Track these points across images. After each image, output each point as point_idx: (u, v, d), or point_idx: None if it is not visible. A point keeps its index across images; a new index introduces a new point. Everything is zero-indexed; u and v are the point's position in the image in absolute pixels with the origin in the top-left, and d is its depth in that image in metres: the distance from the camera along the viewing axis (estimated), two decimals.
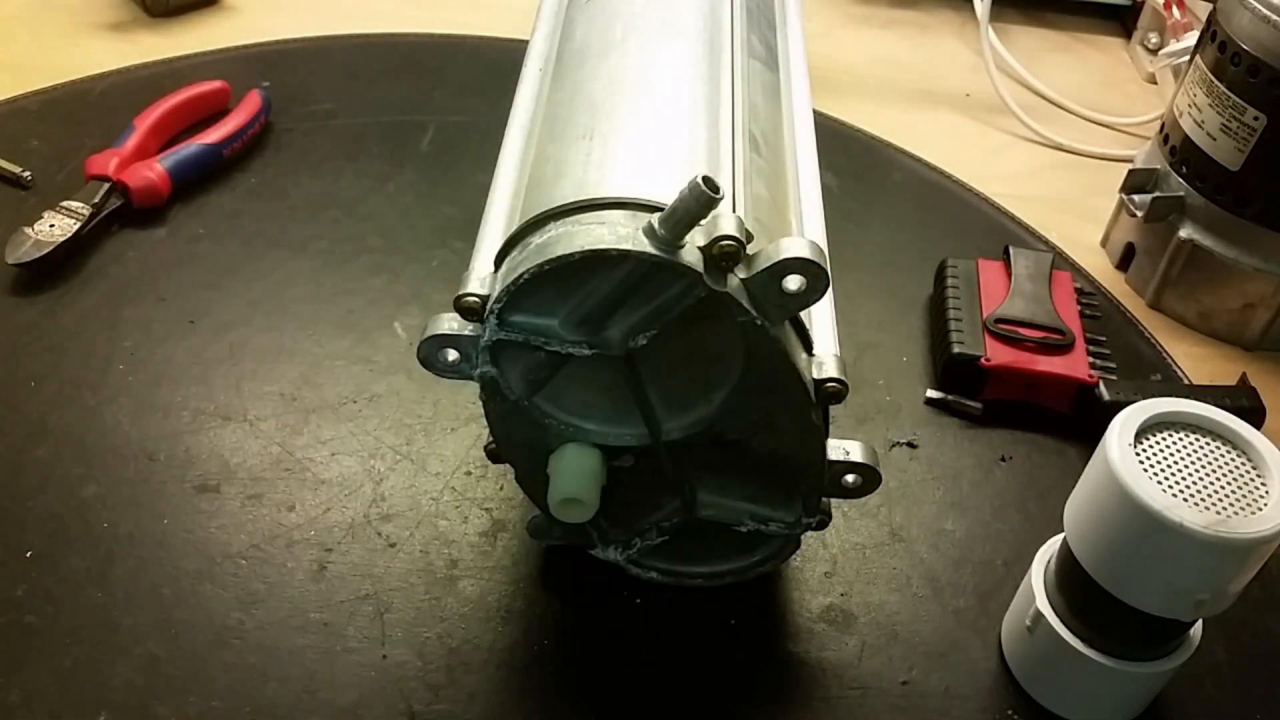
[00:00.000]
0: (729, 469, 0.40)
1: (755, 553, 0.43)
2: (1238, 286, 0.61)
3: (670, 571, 0.44)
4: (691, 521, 0.42)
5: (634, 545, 0.43)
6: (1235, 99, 0.57)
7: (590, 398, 0.39)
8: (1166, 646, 0.40)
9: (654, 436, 0.39)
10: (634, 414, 0.38)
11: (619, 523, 0.43)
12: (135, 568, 0.44)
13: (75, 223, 0.57)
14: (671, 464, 0.40)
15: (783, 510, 0.41)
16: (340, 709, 0.40)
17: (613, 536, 0.43)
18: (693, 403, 0.38)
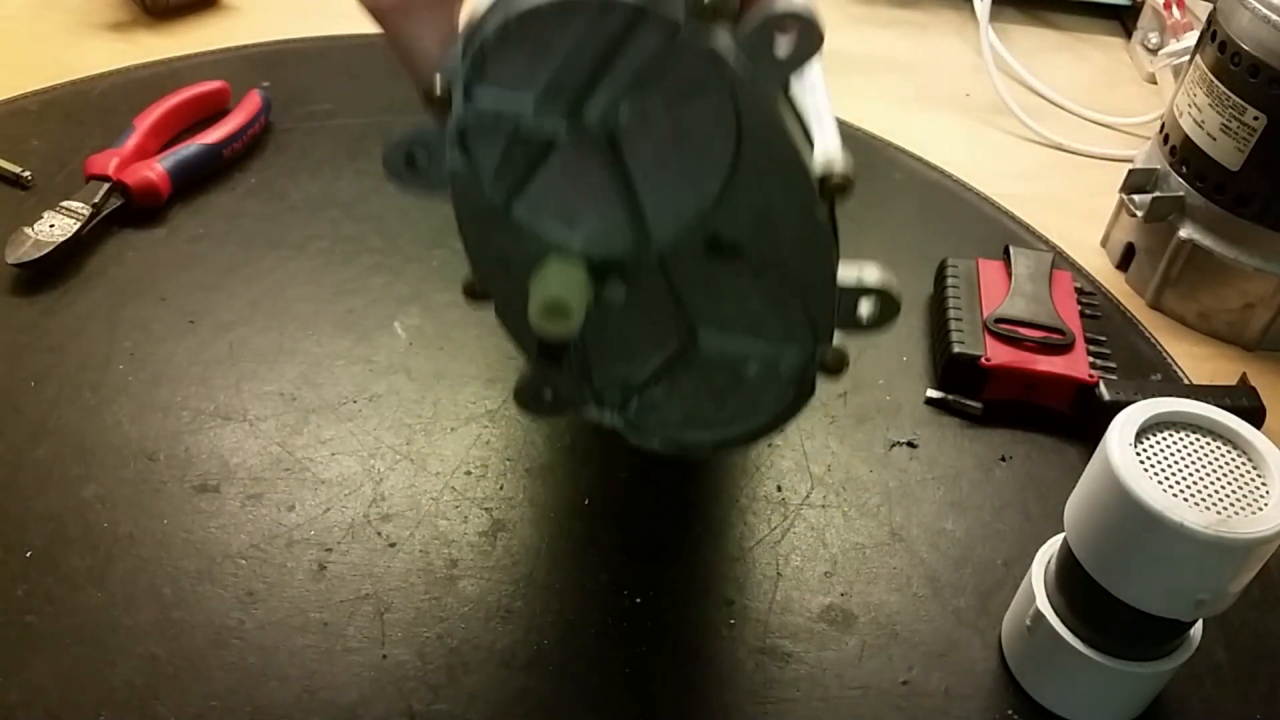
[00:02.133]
0: (730, 297, 0.37)
1: (764, 409, 0.40)
2: (1238, 286, 0.61)
3: (673, 441, 0.41)
4: (691, 371, 0.39)
5: (631, 403, 0.40)
6: (1235, 99, 0.57)
7: (573, 203, 0.36)
8: (1166, 646, 0.40)
9: (644, 242, 0.36)
10: (621, 220, 0.35)
11: (613, 378, 0.40)
12: (135, 568, 0.44)
13: (75, 223, 0.57)
14: (666, 284, 0.37)
15: (793, 347, 0.38)
16: (340, 709, 0.40)
17: (607, 396, 0.40)
18: (683, 196, 0.35)
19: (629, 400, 0.40)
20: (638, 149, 0.34)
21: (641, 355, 0.39)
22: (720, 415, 0.40)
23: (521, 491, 0.49)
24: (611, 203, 0.35)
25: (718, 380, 0.39)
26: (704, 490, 0.50)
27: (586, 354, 0.39)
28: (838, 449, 0.52)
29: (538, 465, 0.50)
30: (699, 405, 0.40)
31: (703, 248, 0.36)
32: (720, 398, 0.40)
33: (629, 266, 0.36)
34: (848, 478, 0.51)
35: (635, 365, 0.40)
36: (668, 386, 0.40)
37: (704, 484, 0.50)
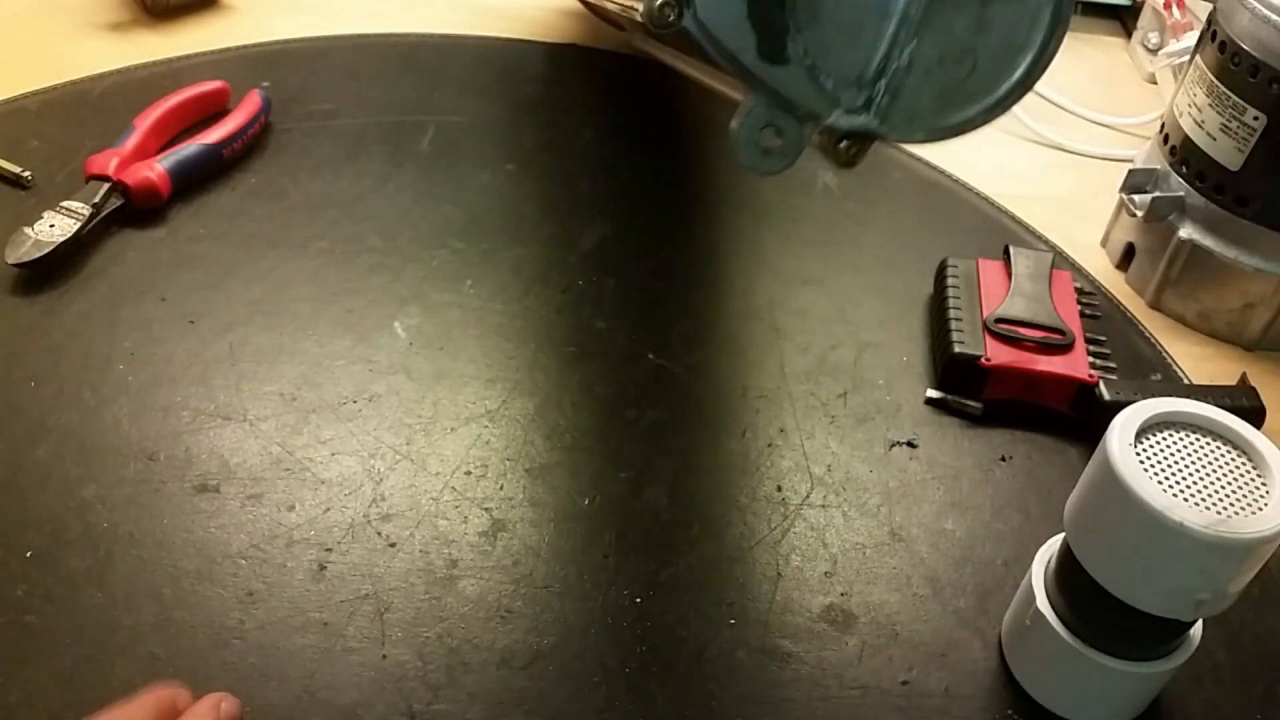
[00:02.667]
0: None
1: (1022, 48, 0.36)
2: (1238, 286, 0.61)
3: (937, 129, 0.37)
4: (929, 30, 0.34)
5: (876, 96, 0.35)
6: (1235, 99, 0.57)
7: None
8: (1166, 646, 0.40)
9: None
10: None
11: (846, 74, 0.35)
12: (135, 568, 0.44)
13: (75, 223, 0.57)
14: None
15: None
16: (340, 709, 0.40)
17: (845, 99, 0.35)
18: None
19: (873, 95, 0.36)
20: None
21: (869, 27, 0.35)
22: (977, 77, 0.36)
23: (521, 491, 0.49)
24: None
25: (962, 29, 0.35)
26: (704, 490, 0.50)
27: (809, 47, 0.34)
28: (838, 449, 0.52)
29: (538, 465, 0.50)
30: (950, 73, 0.36)
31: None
32: (970, 54, 0.35)
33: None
34: (848, 478, 0.51)
35: (866, 44, 0.35)
36: (910, 60, 0.35)
37: (704, 484, 0.50)
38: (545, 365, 0.55)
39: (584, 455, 0.51)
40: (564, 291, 0.59)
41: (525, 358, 0.55)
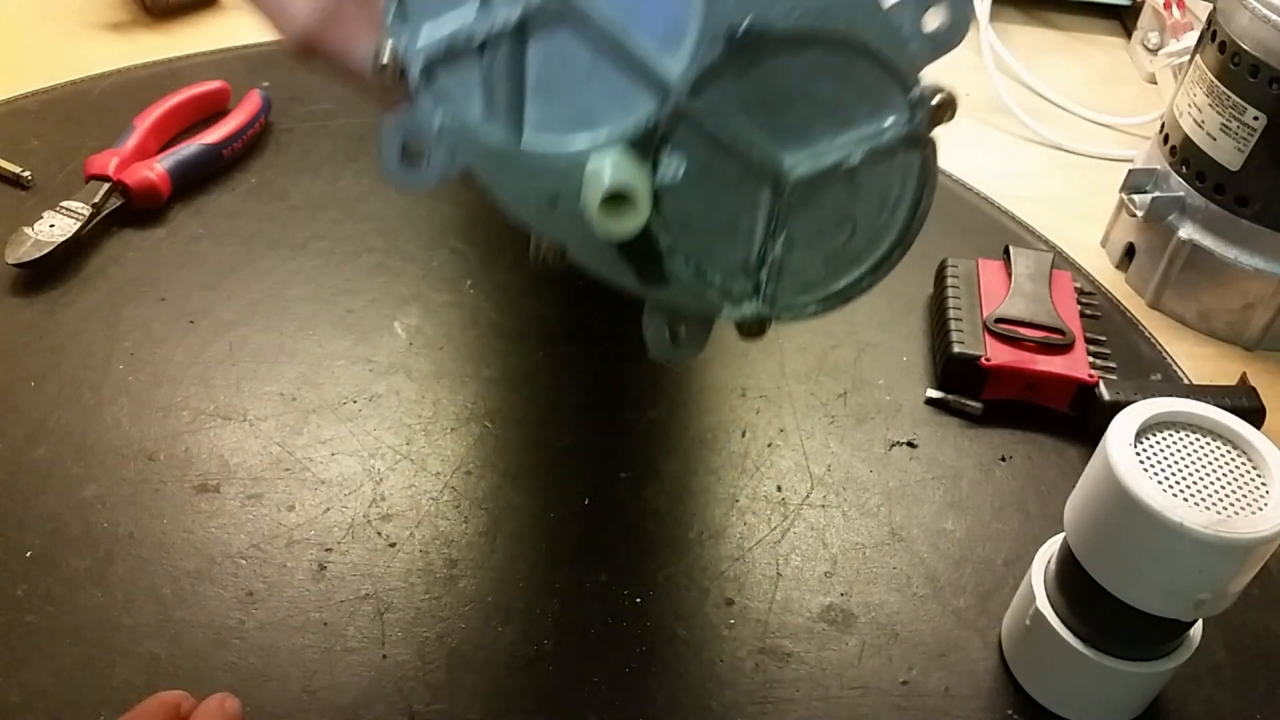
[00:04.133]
0: (790, 98, 0.33)
1: (899, 199, 0.36)
2: (1238, 286, 0.61)
3: (830, 297, 0.37)
4: (802, 209, 0.35)
5: (764, 282, 0.36)
6: (1235, 99, 0.57)
7: (573, 97, 0.33)
8: (1166, 646, 0.40)
9: (668, 89, 0.32)
10: (630, 82, 0.32)
11: (730, 267, 0.36)
12: (135, 568, 0.44)
13: (75, 223, 0.57)
14: (718, 124, 0.33)
15: (885, 112, 0.33)
16: (340, 709, 0.40)
17: (736, 289, 0.36)
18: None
19: (760, 280, 0.36)
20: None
21: (742, 223, 0.35)
22: (859, 238, 0.36)
23: (521, 491, 0.49)
24: (611, 69, 0.32)
25: (833, 201, 0.35)
26: (704, 490, 0.50)
27: (688, 252, 0.35)
28: (838, 449, 0.52)
29: (538, 465, 0.50)
30: (832, 242, 0.36)
31: (729, 56, 0.32)
32: (847, 220, 0.36)
33: (670, 131, 0.33)
34: (848, 478, 0.51)
35: (742, 238, 0.36)
36: (788, 241, 0.35)
37: (704, 484, 0.50)
38: (545, 365, 0.55)
39: (584, 455, 0.51)
40: (564, 291, 0.59)
41: (525, 358, 0.55)
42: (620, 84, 0.33)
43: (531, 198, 0.34)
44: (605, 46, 0.32)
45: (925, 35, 0.32)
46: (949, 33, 0.32)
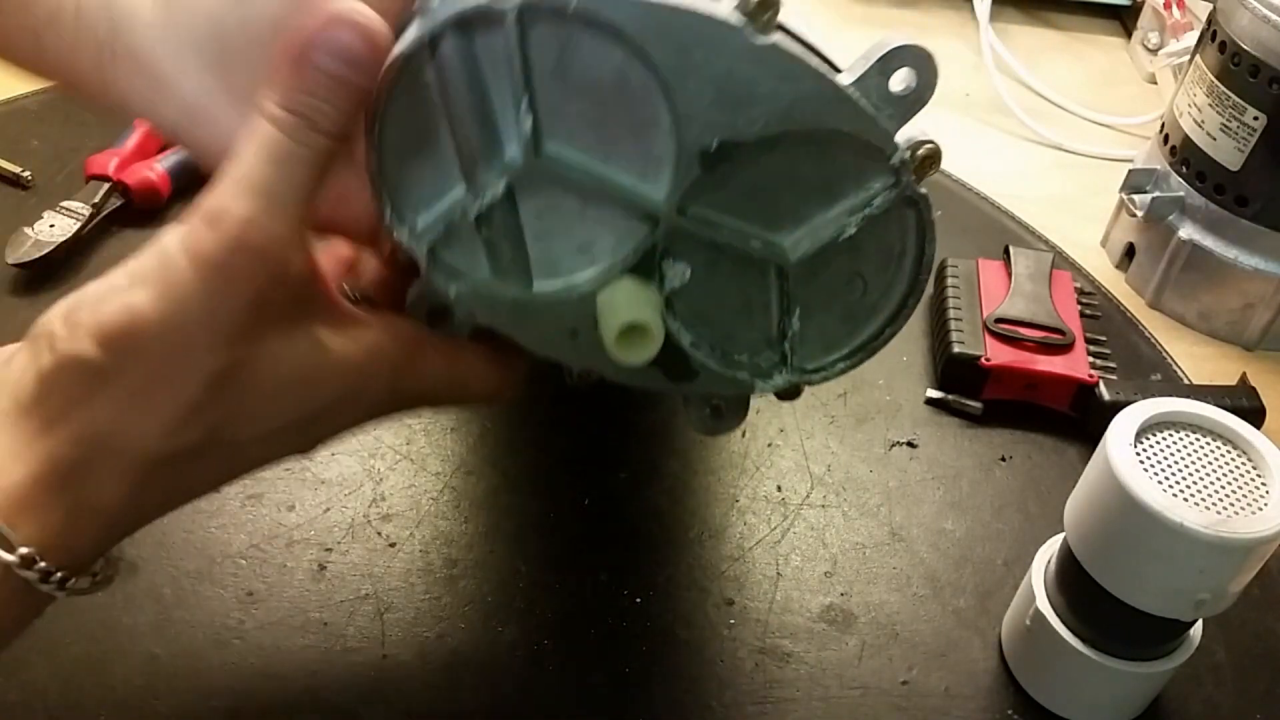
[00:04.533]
0: (774, 188, 0.34)
1: (902, 251, 0.36)
2: (1238, 286, 0.61)
3: (854, 353, 0.37)
4: (809, 280, 0.35)
5: (788, 353, 0.37)
6: (1235, 99, 0.57)
7: (572, 236, 0.34)
8: (1166, 646, 0.40)
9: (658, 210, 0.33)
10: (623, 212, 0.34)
11: (753, 345, 0.37)
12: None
13: (75, 223, 0.57)
14: (711, 227, 0.34)
15: (871, 177, 0.34)
16: (340, 709, 0.40)
17: (764, 360, 0.37)
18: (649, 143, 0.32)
19: (785, 352, 0.37)
20: (578, 133, 0.32)
21: (757, 304, 0.36)
22: (872, 292, 0.37)
23: (522, 492, 0.49)
24: (599, 207, 0.34)
25: (839, 266, 0.36)
26: (704, 490, 0.50)
27: (711, 342, 0.37)
28: (838, 449, 0.52)
29: (538, 465, 0.50)
30: (846, 300, 0.37)
31: (707, 172, 0.33)
32: (857, 278, 0.36)
33: (669, 242, 0.34)
34: (848, 478, 0.51)
35: (759, 316, 0.36)
36: (804, 312, 0.36)
37: (704, 484, 0.50)
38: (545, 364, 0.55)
39: (584, 455, 0.51)
40: None
41: None
42: (612, 216, 0.34)
43: (553, 336, 0.36)
44: (589, 191, 0.33)
45: (895, 98, 0.32)
46: (918, 92, 0.32)
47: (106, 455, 0.30)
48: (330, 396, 0.32)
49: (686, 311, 0.36)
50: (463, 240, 0.34)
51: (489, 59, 0.31)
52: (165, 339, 0.29)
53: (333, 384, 0.32)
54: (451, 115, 0.32)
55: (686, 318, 0.36)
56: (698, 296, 0.36)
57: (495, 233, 0.34)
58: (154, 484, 0.31)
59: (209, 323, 0.29)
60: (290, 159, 0.30)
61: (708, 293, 0.36)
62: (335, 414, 0.33)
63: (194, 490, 0.33)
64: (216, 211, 0.29)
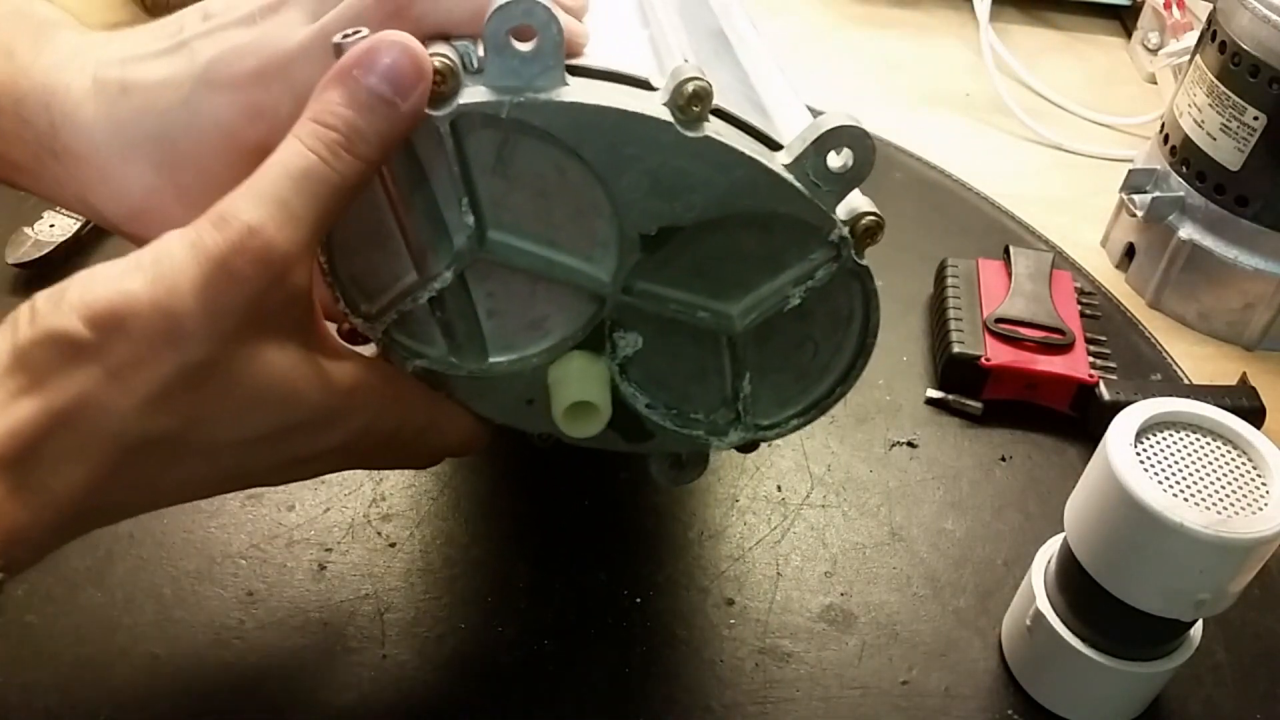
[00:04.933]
0: (717, 263, 0.35)
1: (849, 316, 0.37)
2: (1238, 286, 0.61)
3: (809, 408, 0.39)
4: (759, 343, 0.37)
5: (743, 411, 0.38)
6: (1235, 99, 0.57)
7: (523, 314, 0.35)
8: (1166, 646, 0.40)
9: (605, 287, 0.34)
10: (571, 291, 0.35)
11: (708, 404, 0.38)
12: (135, 568, 0.44)
13: (75, 223, 0.57)
14: (658, 299, 0.35)
15: (814, 251, 0.35)
16: (340, 709, 0.40)
17: (719, 420, 0.39)
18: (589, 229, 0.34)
19: (739, 411, 0.38)
20: (521, 222, 0.34)
21: (709, 368, 0.38)
22: (823, 353, 0.38)
23: (521, 491, 0.49)
24: (548, 288, 0.35)
25: (789, 331, 0.37)
26: (704, 490, 0.50)
27: (665, 404, 0.38)
28: (838, 449, 0.52)
29: (537, 465, 0.50)
30: (798, 363, 0.38)
31: (649, 254, 0.34)
32: (808, 340, 0.38)
33: (619, 315, 0.36)
34: (848, 478, 0.51)
35: (713, 379, 0.38)
36: (756, 375, 0.38)
37: (704, 484, 0.50)
38: None
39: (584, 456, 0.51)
40: None
41: None
42: (561, 295, 0.35)
43: (510, 405, 0.38)
44: (537, 274, 0.34)
45: (833, 175, 0.33)
46: (855, 169, 0.33)
47: (75, 431, 0.29)
48: (311, 413, 0.32)
49: (641, 377, 0.37)
50: (419, 323, 0.35)
51: (429, 160, 0.32)
52: (154, 323, 0.28)
53: (315, 401, 0.32)
54: (398, 210, 0.33)
55: (641, 383, 0.38)
56: (651, 363, 0.37)
57: (449, 314, 0.35)
58: (120, 473, 0.30)
59: (201, 315, 0.29)
60: (313, 178, 0.30)
61: (661, 359, 0.37)
62: (312, 436, 0.33)
63: (158, 492, 0.32)
64: (226, 215, 0.29)
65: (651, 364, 0.37)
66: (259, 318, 0.30)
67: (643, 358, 0.37)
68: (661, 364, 0.37)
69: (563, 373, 0.36)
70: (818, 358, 0.38)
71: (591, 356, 0.36)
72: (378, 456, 0.37)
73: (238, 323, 0.29)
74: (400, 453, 0.37)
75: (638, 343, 0.36)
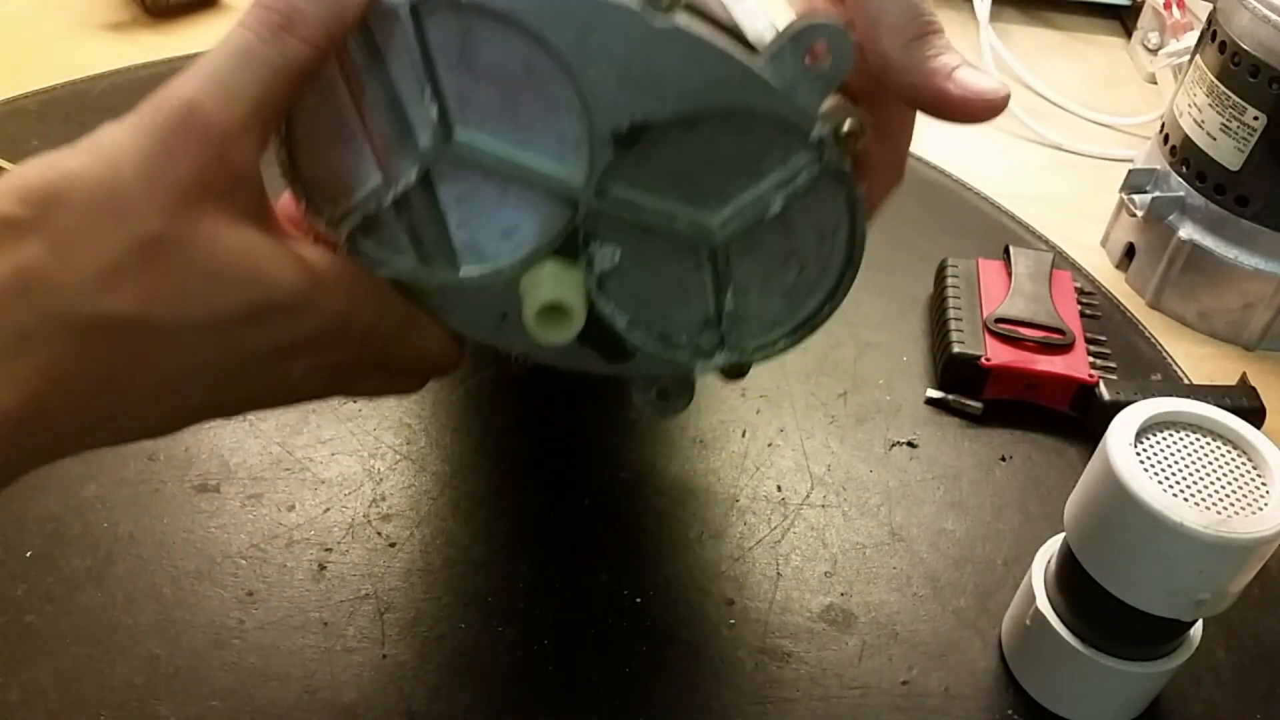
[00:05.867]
0: (695, 167, 0.34)
1: (834, 220, 0.35)
2: (1238, 286, 0.61)
3: (798, 328, 0.38)
4: (745, 257, 0.35)
5: (729, 331, 0.37)
6: (1235, 99, 0.57)
7: (492, 219, 0.34)
8: (1166, 646, 0.40)
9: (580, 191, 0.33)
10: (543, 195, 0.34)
11: (692, 326, 0.37)
12: (135, 568, 0.44)
13: None
14: (637, 208, 0.34)
15: (795, 155, 0.33)
16: (340, 709, 0.40)
17: (703, 341, 0.37)
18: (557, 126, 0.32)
19: (725, 332, 0.37)
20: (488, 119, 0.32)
21: (691, 285, 0.36)
22: (810, 269, 0.36)
23: (521, 491, 0.49)
24: (519, 191, 0.34)
25: (771, 245, 0.35)
26: (704, 490, 0.50)
27: (646, 324, 0.37)
28: (838, 449, 0.52)
29: (538, 465, 0.50)
30: (784, 279, 0.36)
31: (622, 153, 0.33)
32: (793, 256, 0.36)
33: (594, 225, 0.34)
34: (848, 478, 0.51)
35: (695, 298, 0.36)
36: (740, 290, 0.36)
37: (704, 484, 0.50)
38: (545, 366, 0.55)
39: (584, 455, 0.51)
40: None
41: None
42: (532, 200, 0.34)
43: (482, 320, 0.36)
44: (507, 177, 0.33)
45: (811, 75, 0.32)
46: (835, 67, 0.32)
47: (22, 305, 0.27)
48: (280, 293, 0.30)
49: (620, 294, 0.36)
50: (386, 229, 0.34)
51: (391, 51, 0.32)
52: (95, 197, 0.28)
53: (285, 282, 0.30)
54: (360, 106, 0.32)
55: (620, 300, 0.36)
56: (630, 279, 0.36)
57: (416, 219, 0.34)
58: (81, 364, 0.28)
59: (145, 188, 0.28)
60: (254, 58, 0.29)
61: (640, 275, 0.36)
62: (286, 321, 0.31)
63: (131, 398, 0.30)
64: (167, 94, 0.29)
65: (630, 281, 0.36)
66: (205, 193, 0.29)
67: (621, 274, 0.35)
68: (641, 281, 0.36)
69: (535, 278, 0.35)
70: (804, 274, 0.36)
71: (565, 262, 0.35)
72: (363, 370, 0.35)
73: (180, 196, 0.28)
74: (383, 366, 0.36)
75: (615, 256, 0.35)
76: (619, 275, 0.35)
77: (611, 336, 0.37)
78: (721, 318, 0.37)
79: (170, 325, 0.29)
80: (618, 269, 0.35)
